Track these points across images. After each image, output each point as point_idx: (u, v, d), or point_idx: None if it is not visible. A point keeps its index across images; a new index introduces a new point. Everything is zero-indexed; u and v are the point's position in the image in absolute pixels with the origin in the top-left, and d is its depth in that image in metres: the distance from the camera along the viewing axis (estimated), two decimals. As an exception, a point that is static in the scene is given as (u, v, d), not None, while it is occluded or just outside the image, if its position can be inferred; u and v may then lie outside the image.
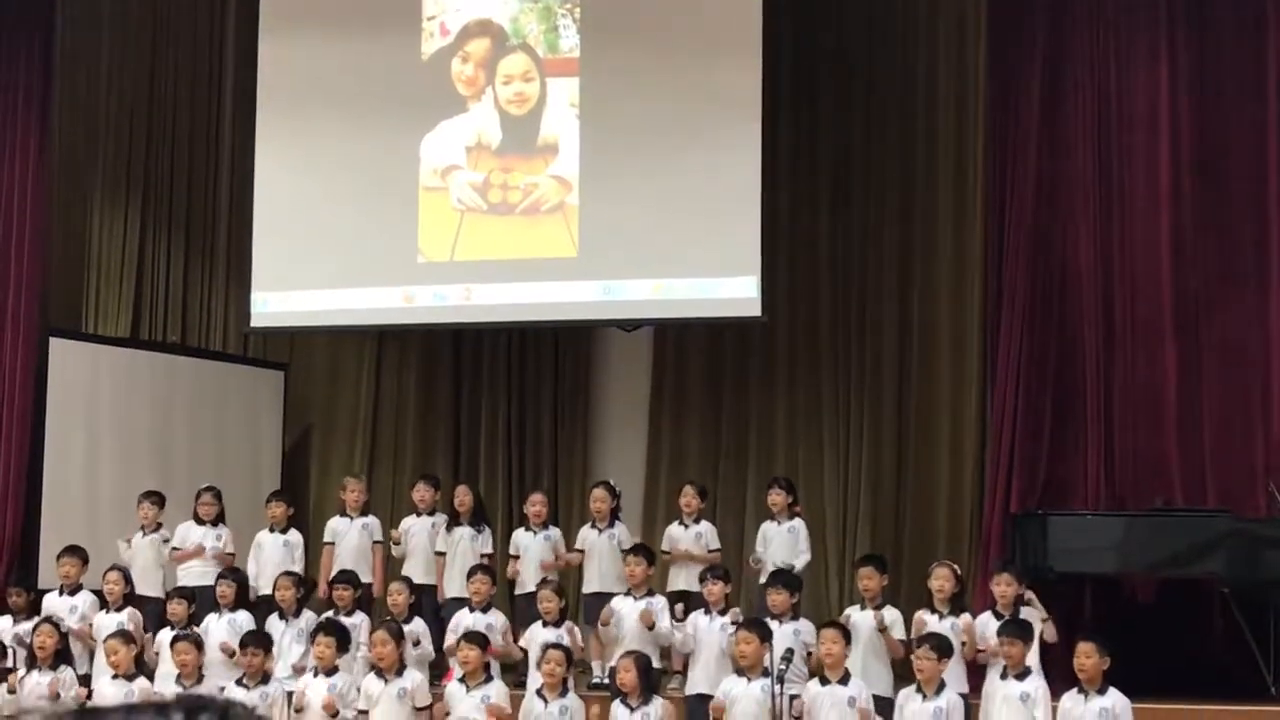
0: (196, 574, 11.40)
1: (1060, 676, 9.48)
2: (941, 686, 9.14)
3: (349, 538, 11.65)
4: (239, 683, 9.98)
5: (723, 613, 10.12)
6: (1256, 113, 11.21)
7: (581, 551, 11.36)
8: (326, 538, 11.74)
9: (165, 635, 10.58)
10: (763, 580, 10.73)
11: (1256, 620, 10.17)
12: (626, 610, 10.40)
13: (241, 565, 11.46)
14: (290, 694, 10.01)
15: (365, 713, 9.71)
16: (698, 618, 10.22)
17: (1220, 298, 11.20)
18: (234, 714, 2.21)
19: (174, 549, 11.57)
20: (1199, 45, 11.34)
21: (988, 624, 9.71)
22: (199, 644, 10.15)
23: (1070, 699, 8.99)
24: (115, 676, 10.10)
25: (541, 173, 12.39)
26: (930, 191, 12.59)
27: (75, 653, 10.71)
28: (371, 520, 11.80)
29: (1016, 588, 9.84)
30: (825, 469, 12.67)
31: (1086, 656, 8.92)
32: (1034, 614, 9.68)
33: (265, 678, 10.02)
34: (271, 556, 11.51)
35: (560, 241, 12.28)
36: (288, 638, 10.56)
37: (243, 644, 10.18)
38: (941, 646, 9.20)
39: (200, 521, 11.65)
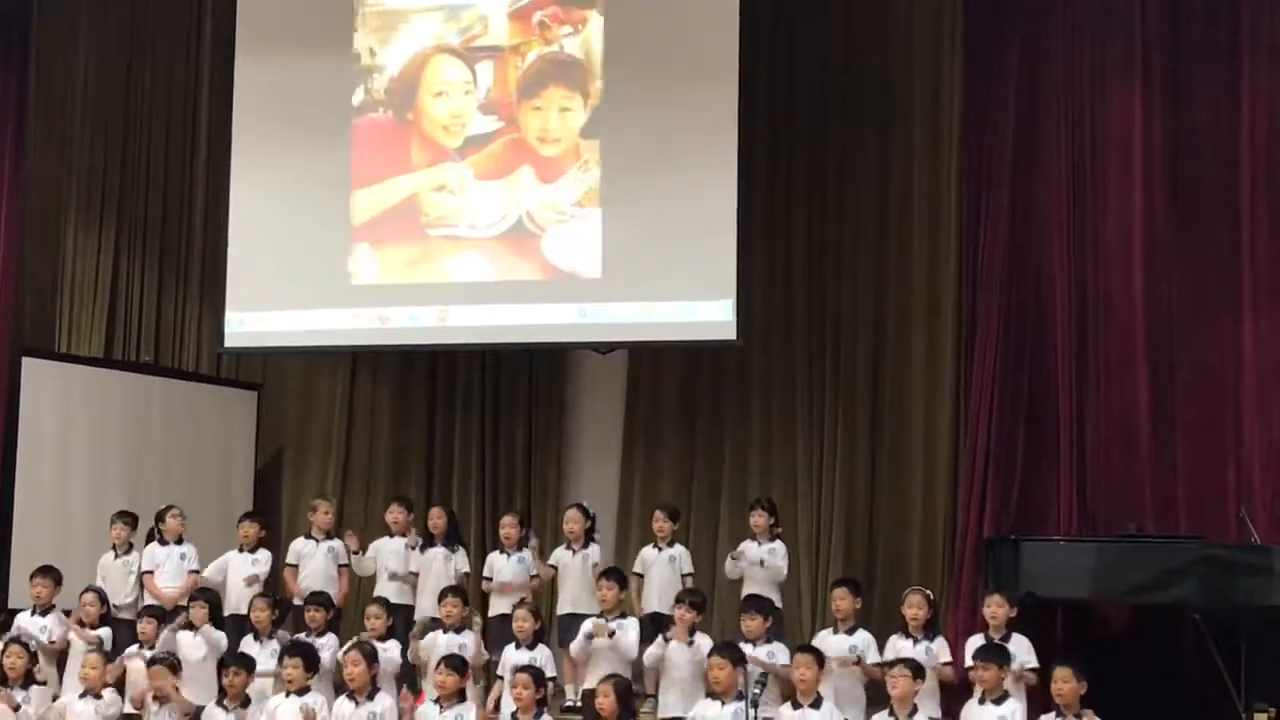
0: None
1: (1035, 699, 9.50)
2: (914, 711, 9.16)
3: (314, 560, 11.61)
4: (219, 704, 9.93)
5: (691, 635, 10.11)
6: (1230, 137, 11.27)
7: (555, 567, 11.34)
8: (290, 559, 11.70)
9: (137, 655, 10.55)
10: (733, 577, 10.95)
11: (1228, 646, 10.18)
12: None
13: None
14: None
15: (337, 733, 9.69)
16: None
17: (1193, 321, 11.25)
18: None
19: (145, 572, 11.52)
20: (1173, 70, 11.40)
21: (977, 646, 9.73)
22: (174, 666, 10.10)
23: (1047, 722, 9.01)
24: (84, 694, 10.05)
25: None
26: (905, 217, 12.62)
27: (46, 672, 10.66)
28: (337, 543, 11.74)
29: (1008, 609, 9.85)
30: (799, 492, 12.67)
31: (1064, 681, 8.93)
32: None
33: (246, 700, 9.97)
34: (239, 577, 11.46)
35: (536, 264, 12.30)
36: (261, 659, 10.50)
37: (224, 664, 10.15)
38: (916, 667, 9.23)
39: (164, 541, 11.60)
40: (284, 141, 12.75)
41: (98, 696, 10.04)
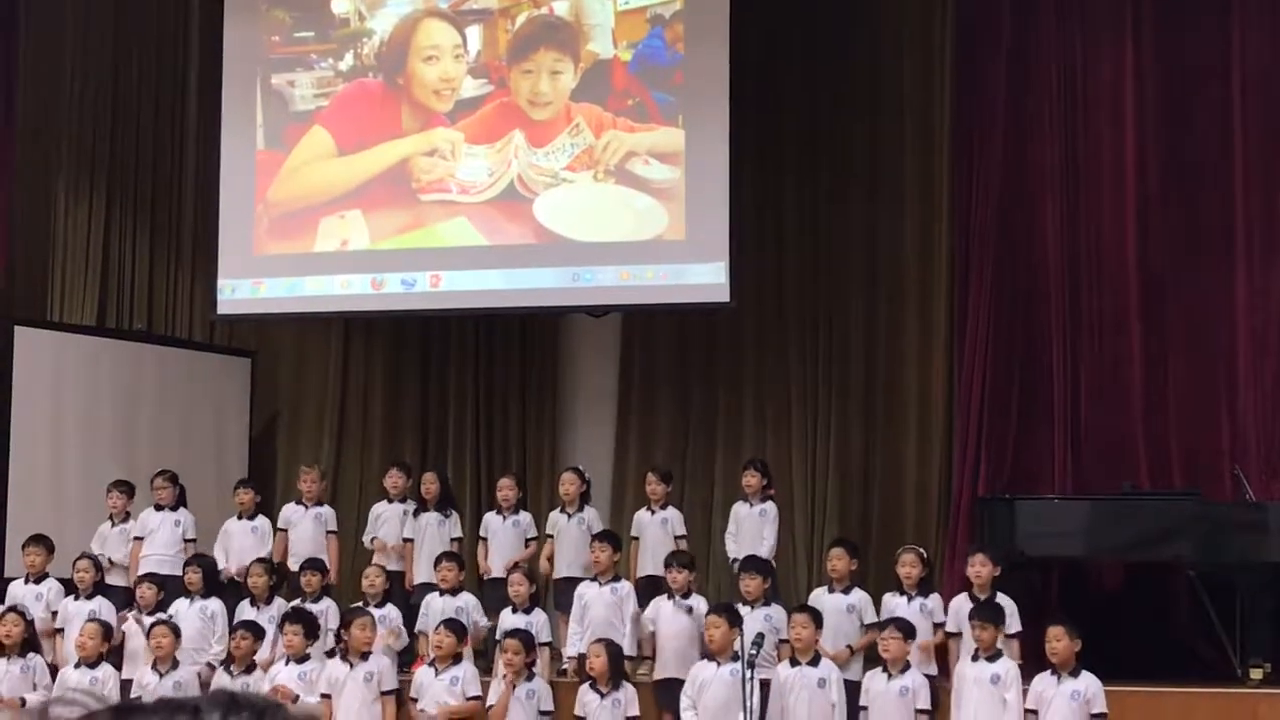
0: (162, 561, 11.34)
1: (1030, 657, 9.52)
2: (907, 667, 9.19)
3: (302, 526, 11.62)
4: (225, 669, 9.96)
5: (685, 597, 10.13)
6: (1221, 94, 11.26)
7: (549, 537, 11.33)
8: (280, 524, 11.73)
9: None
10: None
11: (1223, 603, 10.21)
12: (592, 596, 10.40)
13: (206, 552, 11.43)
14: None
15: (328, 696, 9.68)
16: (660, 603, 10.23)
17: (1185, 280, 11.26)
18: (270, 715, 2.14)
19: (136, 538, 11.52)
20: (1164, 26, 11.38)
21: (963, 606, 9.74)
22: (176, 630, 10.11)
23: (1042, 681, 9.03)
24: (78, 664, 10.03)
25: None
26: (897, 176, 12.56)
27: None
28: (325, 510, 11.76)
29: (992, 569, 9.85)
30: (793, 453, 12.65)
31: (1057, 640, 8.95)
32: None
33: (252, 665, 9.99)
34: (241, 544, 11.48)
35: (528, 228, 12.27)
36: (259, 624, 10.52)
37: (234, 630, 10.16)
38: (906, 627, 9.25)
39: (158, 507, 11.60)
40: (273, 106, 12.72)
41: (93, 666, 10.03)
